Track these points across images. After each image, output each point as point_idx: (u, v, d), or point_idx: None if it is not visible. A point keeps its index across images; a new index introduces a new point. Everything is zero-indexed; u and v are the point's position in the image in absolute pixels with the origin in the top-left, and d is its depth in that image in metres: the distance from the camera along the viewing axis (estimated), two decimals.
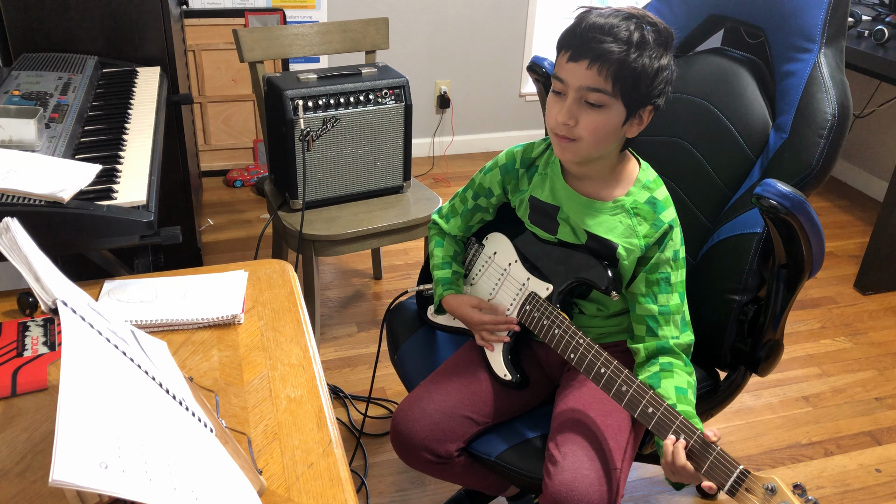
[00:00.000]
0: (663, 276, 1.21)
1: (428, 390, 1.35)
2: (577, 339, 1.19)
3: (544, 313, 1.25)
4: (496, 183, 1.36)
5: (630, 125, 1.16)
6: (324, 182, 2.14)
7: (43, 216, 1.29)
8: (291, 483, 0.95)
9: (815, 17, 1.29)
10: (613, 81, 1.10)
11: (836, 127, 1.24)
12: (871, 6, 3.09)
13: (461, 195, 1.44)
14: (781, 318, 1.29)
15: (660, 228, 1.20)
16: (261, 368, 1.16)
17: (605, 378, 1.13)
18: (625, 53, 1.09)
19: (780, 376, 2.31)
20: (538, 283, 1.29)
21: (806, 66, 1.29)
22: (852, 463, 1.99)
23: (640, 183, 1.23)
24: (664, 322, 1.21)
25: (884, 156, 3.45)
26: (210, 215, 3.10)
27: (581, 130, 1.14)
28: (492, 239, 1.42)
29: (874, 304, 2.71)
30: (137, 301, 1.27)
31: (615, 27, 1.09)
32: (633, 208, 1.22)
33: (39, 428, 0.99)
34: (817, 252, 1.22)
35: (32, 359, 1.11)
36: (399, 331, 1.59)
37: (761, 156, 1.34)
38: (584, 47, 1.10)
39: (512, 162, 1.34)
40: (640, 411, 1.08)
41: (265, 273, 1.40)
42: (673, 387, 1.16)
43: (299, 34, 2.21)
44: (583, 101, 1.13)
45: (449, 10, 3.39)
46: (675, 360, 1.20)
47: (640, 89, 1.11)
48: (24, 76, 1.84)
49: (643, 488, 1.88)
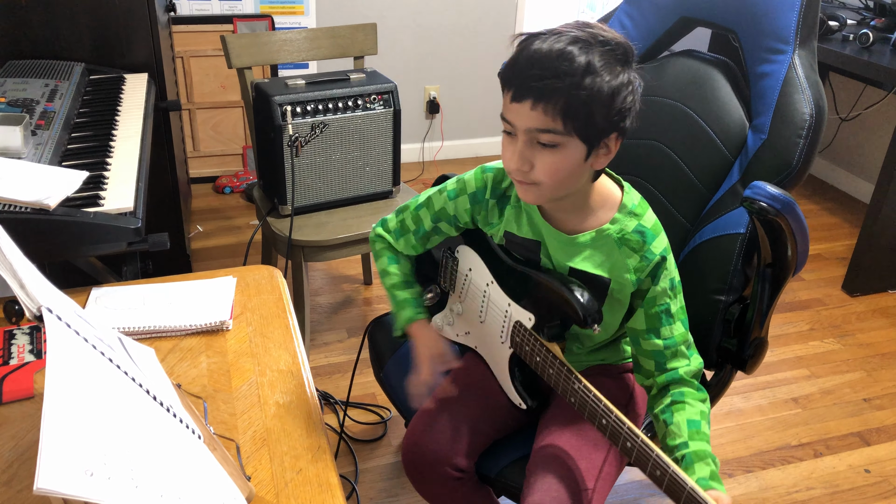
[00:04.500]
0: (663, 309, 1.13)
1: (445, 402, 1.26)
2: (574, 383, 1.08)
3: (534, 349, 1.15)
4: (464, 211, 1.22)
5: (595, 158, 1.03)
6: (313, 188, 2.13)
7: (29, 223, 1.28)
8: (280, 489, 0.94)
9: (788, 19, 1.30)
10: (563, 119, 0.97)
11: (814, 126, 1.26)
12: (857, 10, 3.12)
13: (413, 214, 1.29)
14: (767, 316, 1.30)
15: (651, 261, 1.11)
16: (249, 375, 1.16)
17: (609, 430, 1.05)
18: (572, 87, 0.95)
19: (769, 378, 2.32)
20: (520, 311, 1.18)
21: (781, 67, 1.30)
22: (842, 464, 2.00)
23: (626, 209, 1.12)
24: (671, 355, 1.14)
25: (870, 158, 3.48)
26: (199, 222, 3.09)
27: (538, 174, 1.02)
28: (463, 253, 1.30)
29: (862, 305, 2.72)
30: (125, 308, 1.26)
31: (557, 57, 0.96)
32: (620, 238, 1.11)
33: (26, 436, 0.99)
34: (802, 251, 1.23)
35: (18, 367, 1.11)
36: (382, 346, 1.52)
37: (740, 156, 1.35)
38: (525, 86, 0.97)
39: (482, 190, 1.19)
40: (649, 472, 1.00)
41: (254, 279, 1.40)
42: (685, 420, 1.10)
43: (288, 40, 2.21)
44: (535, 142, 1.00)
45: (438, 15, 3.40)
46: (686, 389, 1.14)
47: (597, 121, 0.98)
48: (10, 83, 1.83)
49: (633, 491, 1.88)
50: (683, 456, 1.06)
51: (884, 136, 3.38)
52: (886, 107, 3.33)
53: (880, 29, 2.80)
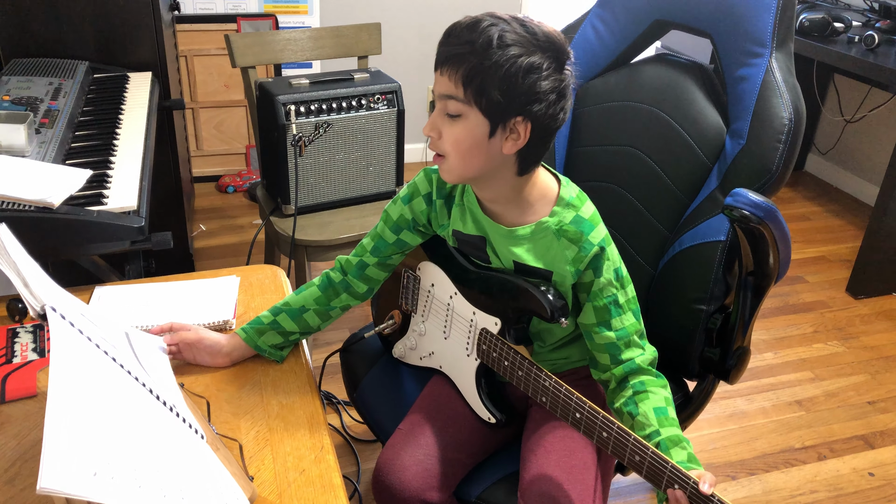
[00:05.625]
0: (610, 300, 1.12)
1: (411, 434, 1.21)
2: (544, 381, 1.08)
3: (502, 353, 1.13)
4: (421, 213, 1.21)
5: (503, 140, 1.02)
6: (316, 187, 2.13)
7: (33, 222, 1.28)
8: (283, 489, 0.94)
9: (765, 22, 1.28)
10: (464, 86, 0.99)
11: (794, 131, 1.24)
12: (862, 12, 3.11)
13: (371, 233, 1.26)
14: (750, 325, 1.28)
15: (589, 252, 1.10)
16: (252, 375, 1.16)
17: (584, 423, 1.05)
18: (471, 54, 0.97)
19: (772, 380, 2.31)
20: (486, 318, 1.16)
21: (759, 70, 1.28)
22: (845, 467, 1.99)
23: (564, 201, 1.11)
24: (625, 346, 1.13)
25: (875, 160, 3.47)
26: (202, 221, 3.09)
27: (445, 144, 1.04)
28: (424, 269, 1.27)
29: (866, 308, 2.71)
30: (128, 307, 1.26)
31: (467, 27, 1.00)
32: (558, 230, 1.11)
33: (28, 435, 0.99)
34: (784, 258, 1.21)
35: (21, 365, 1.11)
36: (356, 367, 1.46)
37: (718, 162, 1.33)
38: (440, 54, 1.02)
39: (428, 193, 1.20)
40: (628, 459, 1.00)
41: (257, 278, 1.39)
42: (651, 409, 1.10)
43: (291, 39, 2.20)
44: (445, 112, 1.03)
45: (441, 15, 3.40)
46: (646, 378, 1.14)
47: (494, 95, 0.98)
48: (14, 81, 1.83)
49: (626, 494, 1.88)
50: (658, 444, 1.05)
51: (889, 139, 3.37)
52: (891, 109, 3.32)
53: (885, 31, 2.79)
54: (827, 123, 3.71)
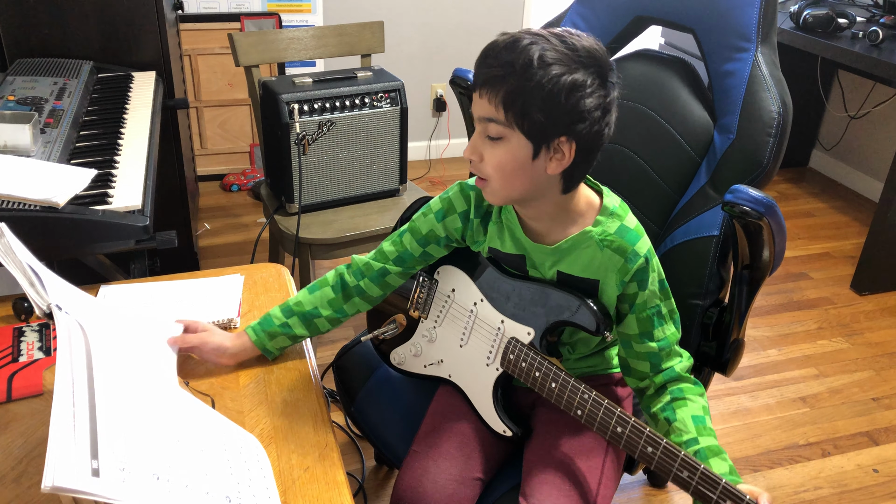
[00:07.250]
0: (654, 311, 1.11)
1: (429, 458, 1.17)
2: (583, 394, 1.05)
3: (533, 364, 1.10)
4: (455, 230, 1.18)
5: (547, 161, 0.99)
6: (320, 186, 2.13)
7: (38, 221, 1.29)
8: (288, 487, 0.95)
9: (749, 16, 1.28)
10: (505, 108, 0.96)
11: (783, 124, 1.24)
12: (866, 7, 3.10)
13: (395, 240, 1.22)
14: (745, 317, 1.29)
15: (635, 263, 1.07)
16: (257, 372, 1.16)
17: (625, 439, 1.02)
18: (512, 75, 0.94)
19: (777, 377, 2.31)
20: (516, 327, 1.12)
21: (745, 65, 1.28)
22: (850, 463, 1.99)
23: (608, 210, 1.09)
24: (666, 356, 1.13)
25: (879, 156, 3.46)
26: (206, 219, 3.09)
27: (487, 168, 1.01)
28: (445, 273, 1.23)
29: (871, 304, 2.71)
30: (133, 306, 1.27)
31: (505, 47, 0.95)
32: (602, 240, 1.08)
33: (35, 433, 0.99)
34: (780, 251, 1.22)
35: (27, 364, 1.11)
36: (351, 378, 1.40)
37: (706, 157, 1.33)
38: (478, 76, 0.98)
39: (466, 210, 1.16)
40: (674, 476, 0.98)
41: (261, 277, 1.40)
42: (689, 416, 1.08)
43: (295, 38, 2.21)
44: (485, 134, 1.00)
45: (444, 13, 3.40)
46: (684, 385, 1.13)
47: (536, 116, 0.95)
48: (19, 81, 1.84)
49: (626, 492, 1.88)
50: (696, 452, 1.04)
51: (893, 134, 3.37)
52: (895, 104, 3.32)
53: (890, 26, 2.78)
54: (831, 119, 3.70)
